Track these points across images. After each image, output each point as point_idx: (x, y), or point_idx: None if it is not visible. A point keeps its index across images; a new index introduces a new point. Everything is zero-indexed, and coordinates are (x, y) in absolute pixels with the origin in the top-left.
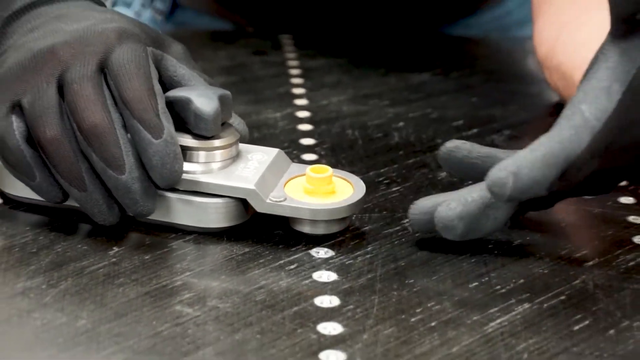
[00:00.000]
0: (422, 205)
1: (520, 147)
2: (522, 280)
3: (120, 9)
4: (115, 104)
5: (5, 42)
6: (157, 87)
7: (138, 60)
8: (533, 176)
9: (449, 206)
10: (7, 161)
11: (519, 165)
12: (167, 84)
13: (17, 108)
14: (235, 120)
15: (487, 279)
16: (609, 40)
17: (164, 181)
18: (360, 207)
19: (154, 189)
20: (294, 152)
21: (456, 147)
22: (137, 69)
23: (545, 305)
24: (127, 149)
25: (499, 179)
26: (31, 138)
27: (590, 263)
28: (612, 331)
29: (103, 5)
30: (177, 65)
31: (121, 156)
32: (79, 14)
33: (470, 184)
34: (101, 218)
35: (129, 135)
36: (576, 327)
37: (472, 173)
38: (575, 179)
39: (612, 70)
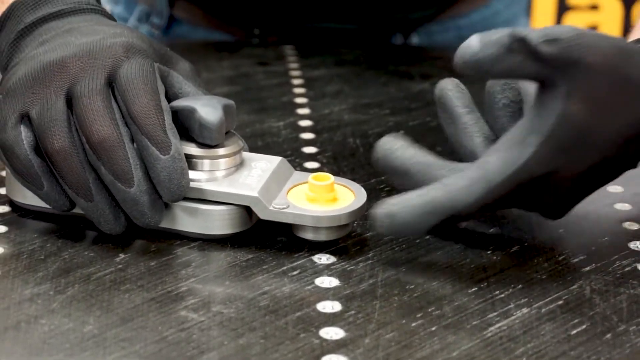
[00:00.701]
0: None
1: None
2: (520, 286)
3: None
4: (123, 117)
5: (18, 55)
6: (164, 103)
7: (145, 76)
8: (409, 221)
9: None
10: (15, 170)
11: (401, 206)
12: (172, 100)
13: (25, 119)
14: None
15: (486, 284)
16: (535, 91)
17: (171, 196)
18: (362, 213)
19: (161, 201)
20: (297, 160)
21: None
22: (145, 84)
23: (543, 310)
24: (135, 162)
25: (378, 215)
26: (39, 148)
27: (587, 268)
28: (609, 335)
29: (113, 19)
30: (183, 82)
31: (130, 170)
32: (89, 28)
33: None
34: (107, 227)
35: (135, 145)
36: (574, 332)
37: None
38: (461, 222)
39: (531, 121)
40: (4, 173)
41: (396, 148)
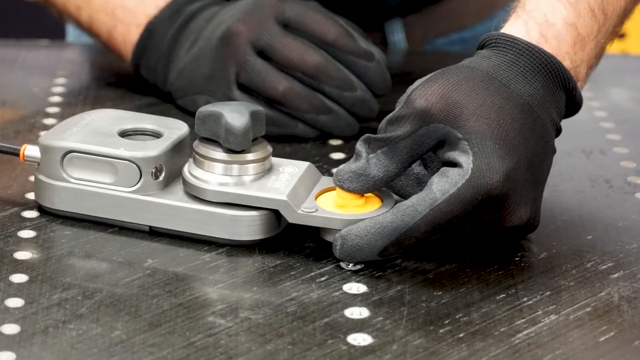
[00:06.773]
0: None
1: None
2: (548, 292)
3: None
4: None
5: (174, 62)
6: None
7: (313, 7)
8: (357, 243)
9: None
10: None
11: (351, 231)
12: None
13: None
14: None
15: (514, 291)
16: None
17: (384, 91)
18: None
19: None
20: (325, 166)
21: None
22: (321, 14)
23: (571, 317)
24: (348, 71)
25: (333, 239)
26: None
27: (616, 275)
28: (637, 342)
29: None
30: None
31: (350, 78)
32: (226, 4)
33: None
34: (349, 130)
35: None
36: (602, 339)
37: None
38: (408, 244)
39: (460, 149)
40: (32, 178)
41: None
